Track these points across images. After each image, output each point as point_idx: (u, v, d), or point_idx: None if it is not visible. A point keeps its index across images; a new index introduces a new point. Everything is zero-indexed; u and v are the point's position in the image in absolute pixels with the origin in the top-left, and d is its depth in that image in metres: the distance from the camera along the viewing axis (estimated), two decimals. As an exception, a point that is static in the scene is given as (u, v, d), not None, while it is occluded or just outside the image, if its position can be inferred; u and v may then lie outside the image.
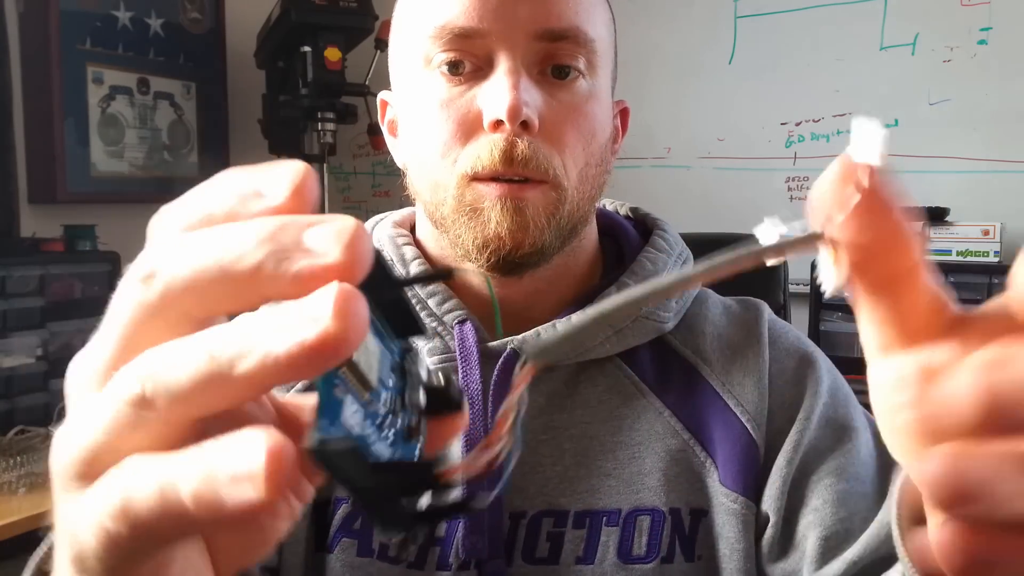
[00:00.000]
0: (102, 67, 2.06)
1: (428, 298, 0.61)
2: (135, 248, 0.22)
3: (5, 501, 1.31)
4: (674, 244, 0.67)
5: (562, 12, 0.55)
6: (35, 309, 1.74)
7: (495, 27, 0.54)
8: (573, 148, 0.56)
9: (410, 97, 0.60)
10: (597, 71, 0.58)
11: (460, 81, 0.56)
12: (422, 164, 0.59)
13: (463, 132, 0.55)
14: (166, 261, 0.20)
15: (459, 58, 0.55)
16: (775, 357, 0.63)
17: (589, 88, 0.58)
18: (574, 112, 0.56)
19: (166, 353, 0.20)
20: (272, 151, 2.29)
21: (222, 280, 0.19)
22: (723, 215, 2.09)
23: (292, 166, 0.21)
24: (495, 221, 0.54)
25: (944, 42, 1.89)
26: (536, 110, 0.54)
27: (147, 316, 0.20)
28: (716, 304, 0.68)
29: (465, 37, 0.55)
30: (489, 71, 0.55)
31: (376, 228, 0.68)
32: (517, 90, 0.53)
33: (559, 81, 0.56)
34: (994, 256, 1.67)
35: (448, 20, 0.55)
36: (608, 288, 0.62)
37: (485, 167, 0.54)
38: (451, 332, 0.60)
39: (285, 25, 1.97)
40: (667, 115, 2.20)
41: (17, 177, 1.90)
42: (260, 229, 0.19)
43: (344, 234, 0.19)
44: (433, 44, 0.56)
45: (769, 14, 2.08)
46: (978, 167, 1.88)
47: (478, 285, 0.61)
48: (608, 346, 0.61)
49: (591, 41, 0.56)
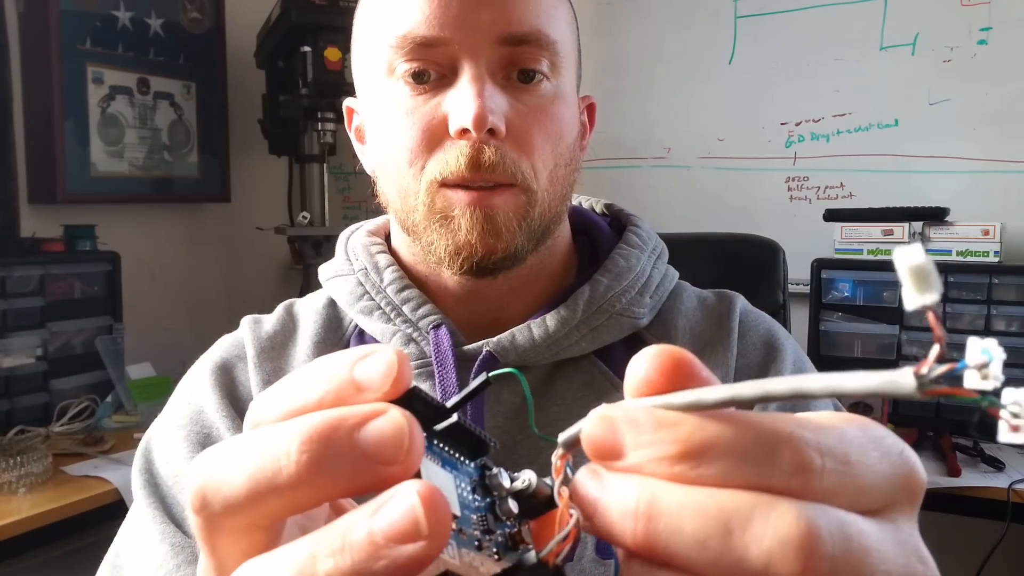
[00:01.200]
0: (102, 67, 2.06)
1: (403, 304, 0.61)
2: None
3: (5, 501, 1.31)
4: (647, 239, 0.67)
5: (523, 16, 0.55)
6: (35, 309, 1.74)
7: (457, 35, 0.54)
8: (541, 150, 0.57)
9: (375, 106, 0.60)
10: (561, 72, 0.58)
11: (425, 90, 0.56)
12: (390, 172, 0.59)
13: (429, 140, 0.55)
14: (215, 484, 0.21)
15: (423, 68, 0.55)
16: (743, 351, 0.63)
17: (554, 89, 0.57)
18: (540, 115, 0.57)
19: None
20: (272, 151, 2.29)
21: (275, 496, 0.20)
22: (723, 215, 2.09)
23: (386, 355, 0.21)
24: (465, 229, 0.55)
25: (944, 42, 1.89)
26: (502, 116, 0.54)
27: (214, 537, 0.22)
28: (691, 297, 0.68)
29: (427, 46, 0.54)
30: (453, 78, 0.55)
31: (351, 238, 0.69)
32: (482, 98, 0.53)
33: (524, 85, 0.56)
34: (994, 256, 1.67)
35: (409, 30, 0.54)
36: (582, 286, 0.62)
37: (452, 174, 0.54)
38: (426, 337, 0.60)
39: (285, 25, 1.97)
40: (667, 115, 2.20)
41: (17, 177, 1.90)
42: (311, 437, 0.20)
43: (401, 437, 0.20)
44: (395, 54, 0.55)
45: (769, 14, 2.08)
46: (978, 167, 1.88)
47: (452, 288, 0.61)
48: (584, 344, 0.61)
49: (554, 43, 0.56)
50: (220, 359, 0.65)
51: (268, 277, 2.62)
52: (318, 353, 0.64)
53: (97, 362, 1.80)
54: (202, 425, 0.61)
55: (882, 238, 1.76)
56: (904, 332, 1.71)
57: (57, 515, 1.31)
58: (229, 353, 0.65)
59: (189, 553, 0.54)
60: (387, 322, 0.62)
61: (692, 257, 0.72)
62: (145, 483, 0.59)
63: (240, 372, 0.64)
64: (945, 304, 1.67)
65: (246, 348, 0.64)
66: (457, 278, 0.60)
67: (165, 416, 0.64)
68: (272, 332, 0.66)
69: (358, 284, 0.64)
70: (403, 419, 0.20)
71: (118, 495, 1.39)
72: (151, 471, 0.60)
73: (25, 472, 1.36)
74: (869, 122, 1.99)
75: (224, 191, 2.37)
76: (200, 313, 2.34)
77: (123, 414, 1.77)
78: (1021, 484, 1.38)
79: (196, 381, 0.64)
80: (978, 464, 1.48)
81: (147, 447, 0.62)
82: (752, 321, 0.66)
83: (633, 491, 0.20)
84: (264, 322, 0.67)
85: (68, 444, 1.59)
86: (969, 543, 1.53)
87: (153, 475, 0.60)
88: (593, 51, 2.27)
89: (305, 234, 2.14)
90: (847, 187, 2.02)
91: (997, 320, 1.63)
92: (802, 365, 0.65)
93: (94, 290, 1.87)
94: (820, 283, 1.78)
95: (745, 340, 0.64)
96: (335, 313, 0.67)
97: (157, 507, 0.58)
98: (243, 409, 0.62)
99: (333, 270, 0.67)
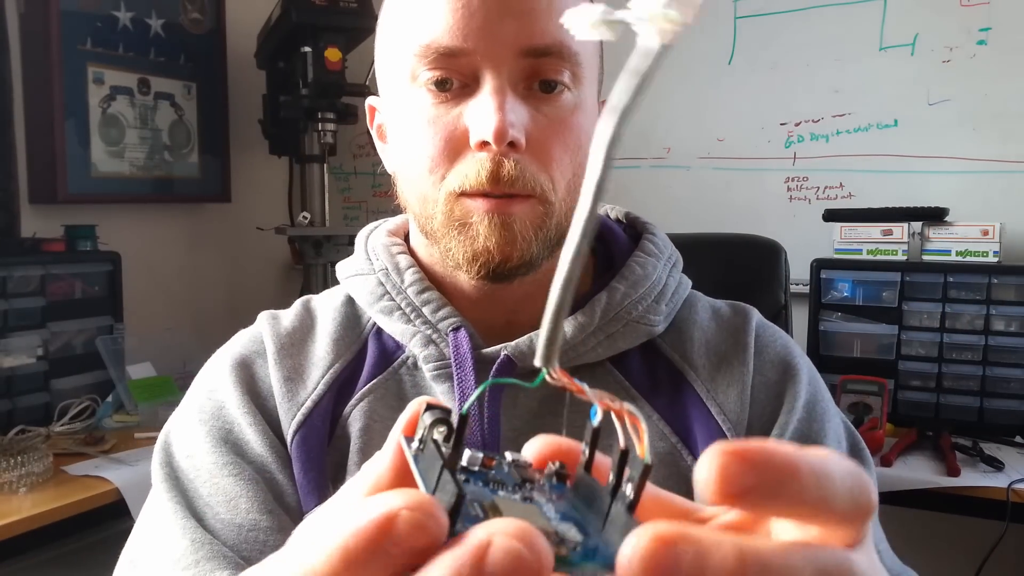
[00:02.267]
0: (103, 67, 2.06)
1: (423, 306, 0.62)
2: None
3: (5, 501, 1.31)
4: (663, 248, 0.68)
5: (546, 28, 0.55)
6: (35, 309, 1.74)
7: (480, 46, 0.54)
8: (560, 162, 0.57)
9: (398, 111, 0.60)
10: (583, 82, 0.58)
11: (447, 98, 0.56)
12: (410, 178, 0.60)
13: (450, 150, 0.56)
14: None
15: (445, 76, 0.56)
16: (759, 368, 0.63)
17: (575, 100, 0.58)
18: (561, 126, 0.57)
19: None
20: (272, 151, 2.29)
21: None
22: (723, 215, 2.10)
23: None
24: (483, 235, 0.56)
25: (944, 42, 1.89)
26: (522, 128, 0.54)
27: None
28: (705, 308, 0.68)
29: (450, 56, 0.55)
30: (475, 88, 0.55)
31: (371, 237, 0.69)
32: (503, 111, 0.53)
33: (546, 95, 0.57)
34: (994, 256, 1.67)
35: (433, 39, 0.55)
36: (599, 293, 0.62)
37: (472, 186, 0.55)
38: (446, 339, 0.61)
39: (285, 25, 1.97)
40: (667, 115, 2.20)
41: (18, 177, 1.90)
42: None
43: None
44: (419, 62, 0.56)
45: (769, 14, 2.08)
46: (978, 167, 1.88)
47: (468, 291, 0.62)
48: (600, 350, 0.61)
49: (575, 55, 0.56)
50: (239, 355, 0.65)
51: (268, 277, 2.62)
52: (336, 350, 0.64)
53: (98, 362, 1.80)
54: (224, 420, 0.61)
55: (881, 238, 1.76)
56: (904, 332, 1.71)
57: (58, 515, 1.31)
58: (248, 349, 0.65)
59: (209, 550, 0.54)
60: (407, 323, 0.62)
61: (693, 257, 0.72)
62: (166, 476, 0.60)
63: (260, 368, 0.64)
64: (945, 304, 1.68)
65: (265, 344, 0.65)
66: (474, 282, 0.60)
67: (184, 409, 0.64)
68: (291, 328, 0.66)
69: (378, 284, 0.64)
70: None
71: (119, 495, 1.39)
72: (172, 464, 0.61)
73: (26, 472, 1.37)
74: (868, 122, 1.99)
75: (225, 191, 2.37)
76: (200, 313, 2.35)
77: (124, 414, 1.77)
78: (1020, 484, 1.38)
79: (216, 375, 0.64)
80: (977, 464, 1.48)
81: (167, 440, 0.62)
82: (769, 337, 0.66)
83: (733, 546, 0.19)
84: (282, 318, 0.68)
85: (69, 444, 1.59)
86: (968, 543, 1.53)
87: (174, 468, 0.60)
88: (593, 51, 2.27)
89: (305, 234, 2.14)
90: (846, 187, 2.02)
91: (996, 320, 1.64)
92: (816, 386, 0.65)
93: (95, 290, 1.87)
94: (819, 283, 1.78)
95: (762, 357, 0.64)
96: (353, 311, 0.67)
97: (179, 501, 0.58)
98: (263, 405, 0.62)
99: (353, 268, 0.67)
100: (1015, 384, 1.62)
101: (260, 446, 0.60)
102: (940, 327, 1.68)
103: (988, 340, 1.64)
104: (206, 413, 0.62)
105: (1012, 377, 1.62)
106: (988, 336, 1.64)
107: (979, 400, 1.64)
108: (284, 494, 0.59)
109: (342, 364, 0.64)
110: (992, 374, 1.63)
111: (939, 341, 1.68)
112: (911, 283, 1.70)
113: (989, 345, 1.64)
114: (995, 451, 1.53)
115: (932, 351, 1.68)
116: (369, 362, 0.64)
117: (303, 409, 0.61)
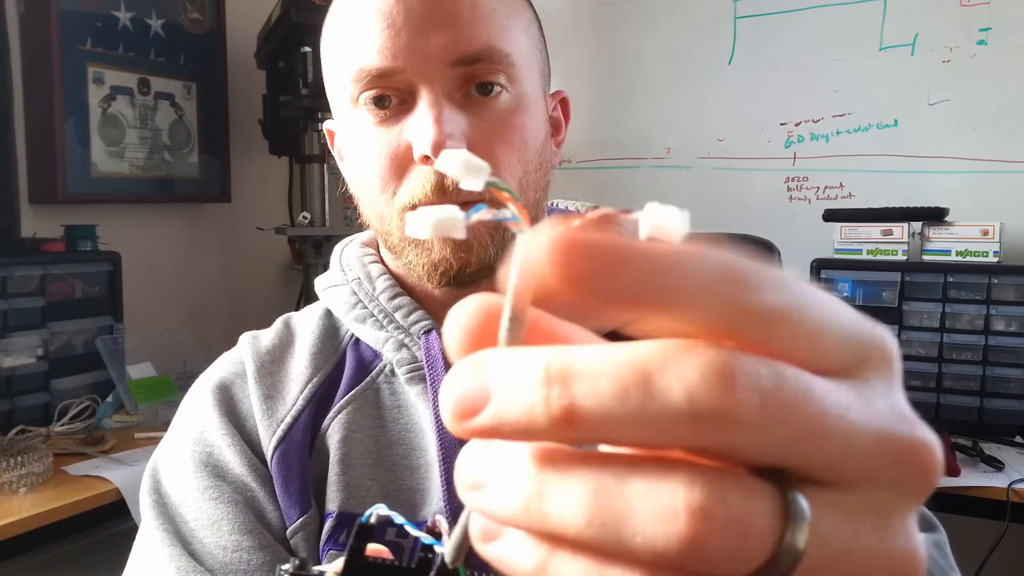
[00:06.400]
0: (103, 67, 2.06)
1: (395, 311, 0.63)
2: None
3: (5, 501, 1.31)
4: None
5: (474, 35, 0.56)
6: (35, 309, 1.74)
7: (410, 63, 0.55)
8: (507, 162, 0.58)
9: (346, 134, 0.62)
10: (520, 81, 0.59)
11: (387, 115, 0.57)
12: (366, 196, 0.61)
13: (396, 167, 0.57)
14: None
15: (381, 93, 0.57)
16: None
17: (514, 99, 0.58)
18: (502, 126, 0.58)
19: None
20: (272, 151, 2.29)
21: None
22: (723, 215, 2.09)
23: None
24: (437, 247, 0.57)
25: (943, 42, 1.89)
26: (462, 136, 0.55)
27: None
28: None
29: (383, 76, 0.56)
30: (413, 103, 0.57)
31: (344, 251, 0.71)
32: (440, 123, 0.54)
33: (483, 99, 0.57)
34: (993, 256, 1.67)
35: (364, 63, 0.56)
36: None
37: (420, 199, 0.56)
38: (418, 343, 0.62)
39: (285, 25, 1.97)
40: (667, 115, 2.20)
41: (18, 177, 1.90)
42: None
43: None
44: (355, 86, 0.57)
45: (769, 14, 2.08)
46: (978, 167, 1.88)
47: (439, 296, 0.63)
48: None
49: (507, 56, 0.57)
50: (219, 378, 0.66)
51: (268, 277, 2.62)
52: (315, 364, 0.65)
53: (98, 362, 1.80)
54: (204, 444, 0.62)
55: (881, 238, 1.76)
56: (904, 332, 1.71)
57: (58, 515, 1.31)
58: (228, 372, 0.66)
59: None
60: (380, 329, 0.63)
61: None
62: (154, 503, 0.61)
63: (239, 389, 0.65)
64: (945, 304, 1.68)
65: (246, 364, 0.66)
66: (440, 289, 0.61)
67: (170, 437, 0.65)
68: (271, 346, 0.67)
69: (352, 293, 0.66)
70: None
71: (119, 495, 1.39)
72: (159, 491, 0.61)
73: (26, 472, 1.37)
74: (868, 122, 1.99)
75: (224, 191, 2.37)
76: (200, 313, 2.35)
77: (124, 414, 1.77)
78: (1020, 484, 1.38)
79: (197, 401, 0.65)
80: (977, 464, 1.48)
81: (155, 467, 0.63)
82: None
83: (541, 357, 0.17)
84: (262, 337, 0.69)
85: (69, 444, 1.59)
86: (968, 543, 1.53)
87: (161, 495, 0.61)
88: (593, 51, 2.28)
89: (305, 234, 2.14)
90: (846, 187, 2.03)
91: (996, 320, 1.64)
92: None
93: (95, 290, 1.87)
94: (820, 283, 1.78)
95: None
96: (331, 323, 0.68)
97: (166, 528, 0.58)
98: (242, 425, 0.63)
99: (328, 281, 0.69)
100: (1015, 384, 1.62)
101: (239, 466, 0.60)
102: (940, 327, 1.68)
103: (988, 340, 1.64)
104: (188, 439, 0.63)
105: (1012, 377, 1.62)
106: (988, 336, 1.64)
107: (979, 400, 1.64)
108: (265, 512, 0.59)
109: (321, 377, 0.64)
110: (992, 374, 1.63)
111: (939, 341, 1.68)
112: (911, 283, 1.70)
113: (989, 345, 1.64)
114: (995, 451, 1.53)
115: (932, 351, 1.68)
116: (347, 374, 0.64)
117: (283, 425, 0.62)
